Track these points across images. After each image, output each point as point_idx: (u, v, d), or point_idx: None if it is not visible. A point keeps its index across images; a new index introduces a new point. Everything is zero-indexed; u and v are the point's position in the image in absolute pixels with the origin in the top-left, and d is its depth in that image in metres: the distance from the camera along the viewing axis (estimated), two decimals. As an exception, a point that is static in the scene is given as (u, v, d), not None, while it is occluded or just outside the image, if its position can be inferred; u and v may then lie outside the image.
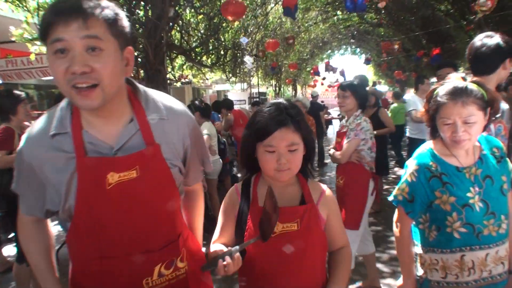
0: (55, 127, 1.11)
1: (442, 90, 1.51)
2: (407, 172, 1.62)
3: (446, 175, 1.53)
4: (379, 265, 3.66)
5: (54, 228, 5.13)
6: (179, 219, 1.30)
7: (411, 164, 1.62)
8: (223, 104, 6.72)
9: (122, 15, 1.08)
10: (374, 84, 19.24)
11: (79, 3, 0.99)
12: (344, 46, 22.20)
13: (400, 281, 1.75)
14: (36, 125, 1.16)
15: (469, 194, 1.50)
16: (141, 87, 1.22)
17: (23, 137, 1.17)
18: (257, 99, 13.17)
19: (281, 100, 1.33)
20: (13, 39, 5.90)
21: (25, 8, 4.78)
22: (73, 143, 1.09)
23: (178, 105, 1.29)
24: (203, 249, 1.48)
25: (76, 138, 1.10)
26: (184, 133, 1.27)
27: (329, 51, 22.63)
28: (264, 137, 1.24)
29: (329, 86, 27.07)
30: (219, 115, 7.06)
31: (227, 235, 1.32)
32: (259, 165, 1.32)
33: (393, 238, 3.03)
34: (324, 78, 23.45)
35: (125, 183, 1.11)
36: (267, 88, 22.09)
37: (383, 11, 12.81)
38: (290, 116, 1.25)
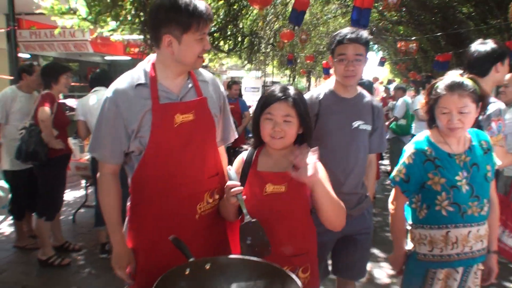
0: (139, 79, 1.50)
1: (441, 83, 1.70)
2: (405, 155, 1.80)
3: (439, 159, 1.71)
4: (375, 250, 3.89)
5: (70, 194, 5.41)
6: (218, 161, 1.68)
7: (409, 148, 1.79)
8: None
9: None
10: (389, 82, 19.16)
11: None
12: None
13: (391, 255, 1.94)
14: (122, 80, 1.53)
15: (457, 178, 1.68)
16: None
17: (110, 90, 1.51)
18: (271, 88, 13.25)
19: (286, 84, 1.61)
20: (39, 11, 6.10)
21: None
22: (150, 91, 1.48)
23: (213, 75, 1.76)
24: None
25: (153, 88, 1.49)
26: (219, 93, 1.71)
27: (346, 45, 22.50)
28: (265, 107, 1.51)
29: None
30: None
31: None
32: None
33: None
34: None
35: (186, 123, 1.51)
36: (281, 78, 22.18)
37: (403, 9, 12.77)
38: (289, 94, 1.51)
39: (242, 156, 1.63)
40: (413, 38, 12.81)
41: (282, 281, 1.15)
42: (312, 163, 1.32)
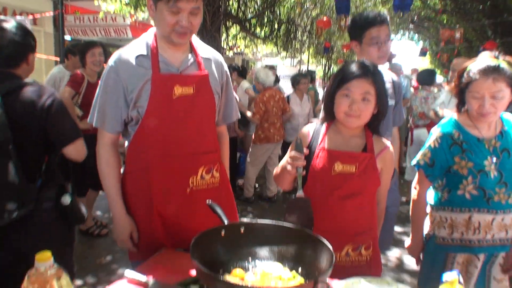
0: (140, 51, 1.51)
1: (474, 67, 1.63)
2: (431, 139, 1.78)
3: (466, 143, 1.68)
4: (405, 237, 3.86)
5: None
6: (216, 139, 1.66)
7: (435, 132, 1.78)
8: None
9: None
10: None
11: None
12: (402, 31, 21.25)
13: (408, 242, 1.94)
14: (125, 50, 1.54)
15: (486, 162, 1.65)
16: (195, 37, 1.67)
17: (112, 59, 1.54)
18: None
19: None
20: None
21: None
22: (151, 62, 1.49)
23: (218, 53, 1.73)
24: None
25: (153, 59, 1.50)
26: (222, 71, 1.69)
27: (386, 34, 21.77)
28: (343, 83, 1.45)
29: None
30: None
31: None
32: (334, 114, 1.51)
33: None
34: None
35: (185, 97, 1.52)
36: (317, 66, 21.85)
37: (448, -3, 12.20)
38: (369, 70, 1.45)
39: (308, 129, 1.60)
40: (458, 26, 12.22)
41: (314, 245, 1.19)
42: None
